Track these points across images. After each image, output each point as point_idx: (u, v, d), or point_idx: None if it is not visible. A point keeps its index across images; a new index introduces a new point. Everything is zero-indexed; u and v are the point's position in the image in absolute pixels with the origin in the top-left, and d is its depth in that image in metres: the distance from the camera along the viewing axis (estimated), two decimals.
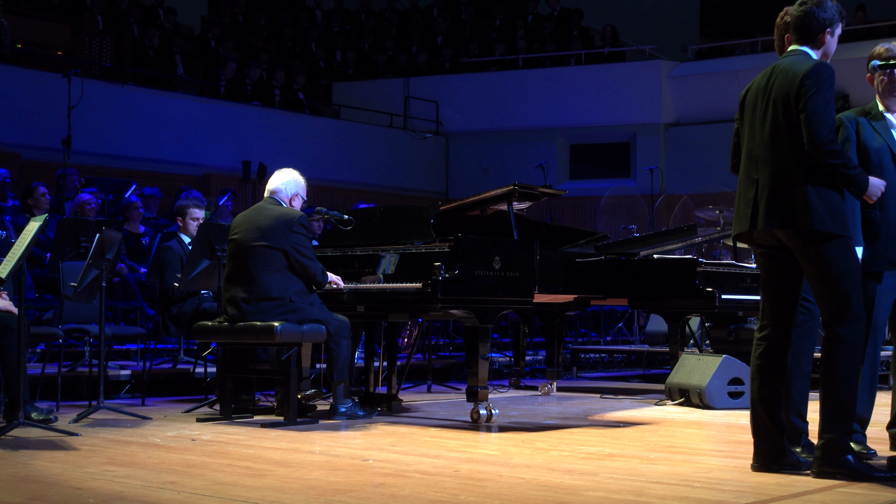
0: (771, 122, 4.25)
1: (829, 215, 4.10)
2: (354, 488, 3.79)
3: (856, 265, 4.18)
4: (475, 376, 5.85)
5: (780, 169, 4.19)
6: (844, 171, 4.10)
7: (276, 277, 5.83)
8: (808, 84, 4.13)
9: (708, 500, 3.61)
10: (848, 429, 4.16)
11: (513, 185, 6.22)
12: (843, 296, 4.12)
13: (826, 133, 4.06)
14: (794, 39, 4.39)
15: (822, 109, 4.09)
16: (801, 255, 4.20)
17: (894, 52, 4.82)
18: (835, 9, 4.35)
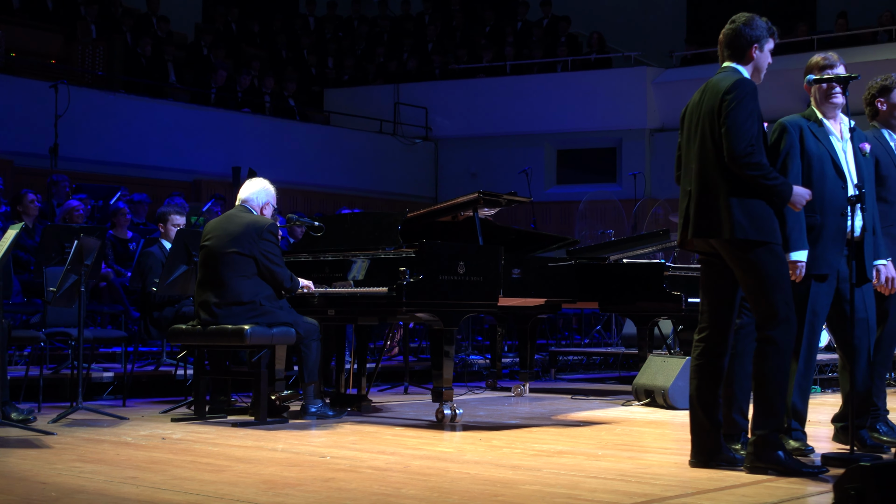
0: (700, 137, 4.47)
1: (750, 224, 4.31)
2: (304, 482, 4.00)
3: (783, 270, 4.39)
4: (440, 377, 6.06)
5: (707, 181, 4.41)
6: (763, 182, 4.31)
7: (246, 283, 6.05)
8: (729, 99, 4.35)
9: (636, 493, 3.82)
10: (778, 426, 4.37)
11: (477, 192, 6.43)
12: (771, 300, 4.33)
13: (744, 146, 4.27)
14: (725, 56, 4.62)
15: (740, 123, 4.31)
16: (730, 261, 4.42)
17: (831, 61, 5.02)
18: (763, 26, 4.57)
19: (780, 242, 4.42)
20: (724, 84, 4.44)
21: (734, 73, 4.52)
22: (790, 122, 4.96)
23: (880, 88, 5.38)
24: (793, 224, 4.73)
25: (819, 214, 4.81)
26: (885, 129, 5.35)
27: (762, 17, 4.65)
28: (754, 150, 4.31)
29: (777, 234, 4.42)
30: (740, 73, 4.52)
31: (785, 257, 4.47)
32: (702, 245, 4.54)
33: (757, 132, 4.37)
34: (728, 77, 4.48)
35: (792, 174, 4.82)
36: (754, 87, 4.44)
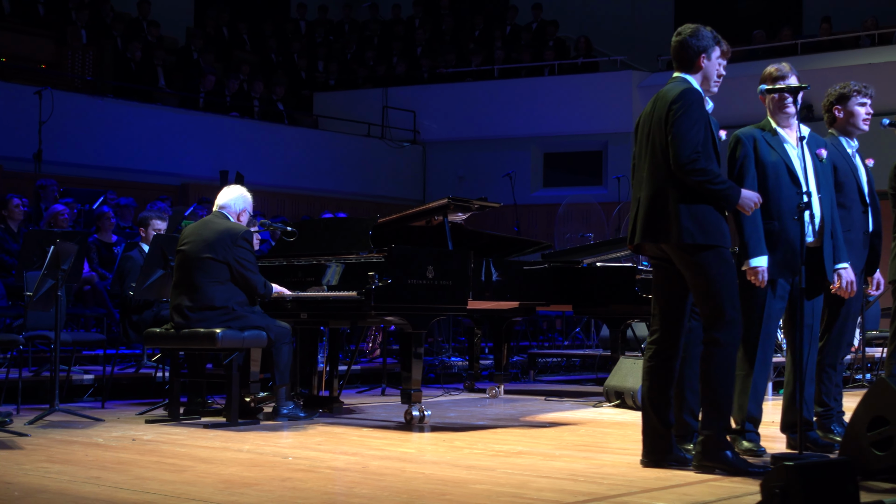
0: (650, 145, 4.61)
1: (698, 228, 4.44)
2: (262, 482, 4.12)
3: (730, 273, 4.51)
4: (409, 379, 6.18)
5: (656, 188, 4.54)
6: (710, 187, 4.43)
7: (219, 288, 6.18)
8: (675, 108, 4.48)
9: (581, 492, 3.95)
10: (725, 426, 4.49)
11: (447, 198, 6.54)
12: (718, 302, 4.46)
13: (689, 153, 4.40)
14: (675, 67, 4.75)
15: (686, 131, 4.43)
16: (680, 265, 4.54)
17: (783, 72, 5.13)
18: (709, 35, 4.70)
19: (727, 246, 4.54)
20: (672, 94, 4.57)
21: (682, 82, 4.65)
22: (744, 133, 5.09)
23: (838, 96, 5.49)
24: (751, 231, 4.86)
25: (777, 221, 4.94)
26: (842, 136, 5.46)
27: (707, 27, 4.77)
28: (699, 157, 4.43)
29: (725, 239, 4.54)
30: (688, 83, 4.64)
31: (732, 261, 4.59)
32: (653, 250, 4.66)
33: (703, 139, 4.49)
34: (676, 87, 4.61)
35: (747, 183, 4.95)
36: (700, 97, 4.57)
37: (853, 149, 5.47)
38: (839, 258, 5.07)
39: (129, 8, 16.08)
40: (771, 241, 4.90)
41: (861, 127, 5.44)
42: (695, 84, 4.66)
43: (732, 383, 4.57)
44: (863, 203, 5.37)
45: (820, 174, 5.06)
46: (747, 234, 4.86)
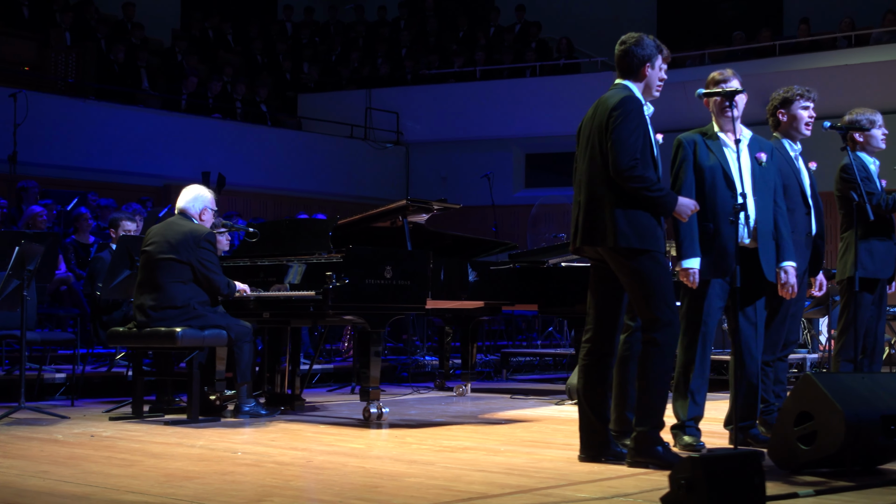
0: (590, 151, 4.74)
1: (633, 233, 4.57)
2: (203, 476, 4.25)
3: (665, 276, 4.64)
4: (367, 377, 6.31)
5: (595, 192, 4.67)
6: (646, 194, 4.56)
7: (181, 288, 6.31)
8: (615, 115, 4.61)
9: (510, 485, 4.07)
10: (658, 423, 4.62)
11: (406, 199, 6.67)
12: (654, 305, 4.58)
13: (627, 160, 4.53)
14: (618, 74, 4.87)
15: (625, 138, 4.56)
16: (615, 268, 4.67)
17: (726, 76, 5.25)
18: (652, 44, 4.83)
19: (662, 251, 4.67)
20: (613, 101, 4.69)
21: (624, 90, 4.78)
22: (685, 137, 5.22)
23: (782, 100, 5.62)
24: (685, 233, 4.99)
25: (712, 223, 5.06)
26: (786, 139, 5.59)
27: (650, 36, 4.89)
28: (637, 164, 4.56)
29: (659, 243, 4.66)
30: (629, 91, 4.77)
31: (667, 264, 4.72)
32: (591, 252, 4.79)
33: (641, 147, 4.62)
34: (617, 94, 4.74)
35: (685, 186, 5.08)
36: (640, 105, 4.70)
37: (797, 152, 5.60)
38: (784, 257, 5.17)
39: (114, 10, 16.21)
40: (706, 242, 5.02)
41: (803, 130, 5.58)
42: (636, 92, 4.78)
43: (668, 382, 4.69)
44: (805, 205, 5.50)
45: (758, 177, 5.17)
46: (682, 235, 4.98)
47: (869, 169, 6.05)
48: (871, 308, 6.07)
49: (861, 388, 4.37)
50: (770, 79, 14.34)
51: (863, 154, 6.09)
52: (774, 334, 5.43)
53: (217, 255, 6.51)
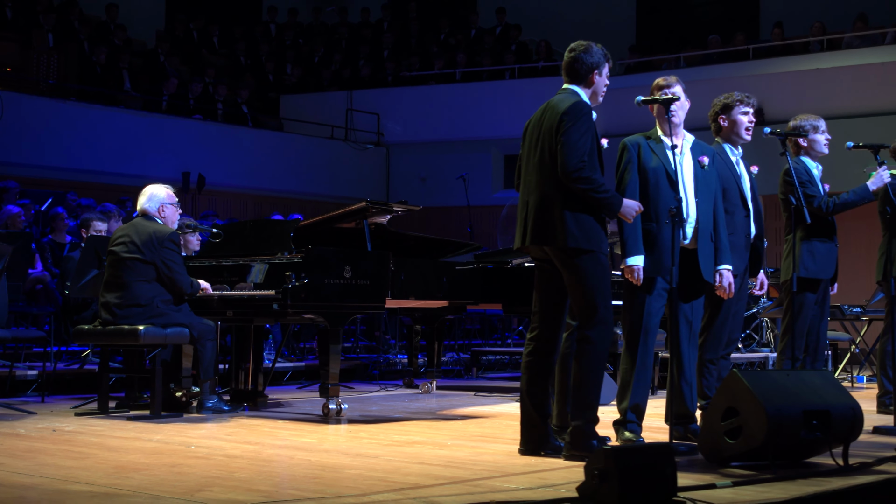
0: (539, 152, 4.91)
1: (581, 234, 4.75)
2: (152, 468, 4.42)
3: (606, 277, 4.82)
4: (327, 374, 6.48)
5: (544, 193, 4.85)
6: (593, 195, 4.74)
7: (145, 287, 6.48)
8: (566, 120, 4.79)
9: (444, 476, 4.24)
10: (593, 417, 4.80)
11: (365, 201, 6.84)
12: (592, 303, 4.77)
13: (575, 162, 4.71)
14: (566, 80, 5.05)
15: (574, 142, 4.74)
16: (561, 267, 4.85)
17: (669, 82, 5.43)
18: (600, 53, 5.01)
19: (605, 252, 4.85)
20: (563, 105, 4.87)
21: (573, 95, 4.95)
22: (630, 140, 5.40)
23: (722, 106, 5.81)
24: (629, 232, 5.17)
25: (655, 223, 5.24)
26: (727, 143, 5.78)
27: (598, 45, 5.07)
28: (585, 166, 4.74)
29: (604, 245, 4.85)
30: (579, 96, 4.95)
31: (608, 265, 4.90)
32: (536, 251, 4.97)
33: (589, 150, 4.80)
34: (567, 99, 4.92)
35: (629, 187, 5.26)
36: (590, 109, 4.88)
37: (737, 156, 5.78)
38: (722, 259, 5.36)
39: (98, 11, 16.36)
40: (649, 242, 5.20)
41: (744, 135, 5.76)
42: (584, 97, 4.96)
43: (601, 378, 4.87)
44: (745, 208, 5.68)
45: (700, 180, 5.35)
46: (626, 234, 5.17)
47: (812, 173, 6.24)
48: (814, 308, 6.27)
49: (785, 385, 4.55)
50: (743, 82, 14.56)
51: (806, 159, 6.28)
52: (717, 333, 5.61)
53: (181, 255, 6.68)
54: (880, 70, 13.65)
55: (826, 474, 4.35)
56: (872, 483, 4.20)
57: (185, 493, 3.80)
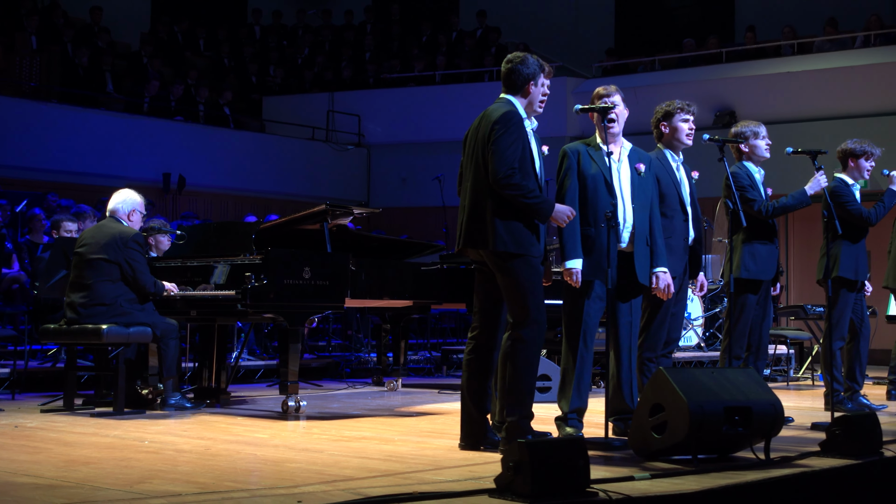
0: (474, 159, 5.11)
1: (510, 238, 4.95)
2: (101, 461, 4.62)
3: (536, 279, 5.02)
4: (286, 372, 6.68)
5: (478, 198, 5.05)
6: (522, 201, 4.94)
7: (110, 286, 6.68)
8: (497, 128, 4.99)
9: (381, 469, 4.45)
10: (527, 413, 5.01)
11: (325, 204, 7.03)
12: (524, 304, 4.96)
13: (505, 169, 4.90)
14: (503, 90, 5.24)
15: (504, 149, 4.94)
16: (493, 269, 5.05)
17: (609, 92, 5.62)
18: (536, 64, 5.20)
19: (536, 255, 5.04)
20: (496, 115, 5.07)
21: (507, 104, 5.15)
22: (570, 148, 5.60)
23: (664, 114, 6.00)
24: (568, 236, 5.38)
25: (593, 228, 5.44)
26: (667, 150, 5.97)
27: (534, 56, 5.27)
28: (514, 173, 4.93)
29: (534, 248, 5.03)
30: (512, 105, 5.14)
31: (540, 268, 5.09)
32: (474, 254, 5.17)
33: (519, 157, 4.99)
34: (500, 108, 5.12)
35: (569, 193, 5.46)
36: (520, 119, 5.07)
37: (678, 162, 5.98)
38: (658, 262, 5.57)
39: (83, 14, 16.54)
40: (587, 246, 5.40)
41: (684, 141, 5.96)
42: (518, 107, 5.16)
43: (534, 375, 5.08)
44: (683, 212, 5.88)
45: (637, 186, 5.55)
46: (565, 238, 5.37)
47: (753, 177, 6.44)
48: (756, 308, 6.47)
49: (708, 382, 4.75)
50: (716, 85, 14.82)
51: (748, 163, 6.48)
52: (656, 333, 5.81)
53: (144, 256, 6.87)
54: (849, 73, 13.87)
55: (745, 468, 4.55)
56: (786, 476, 4.40)
57: (126, 485, 4.00)
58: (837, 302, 7.05)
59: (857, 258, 7.09)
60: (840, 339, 7.07)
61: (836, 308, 7.06)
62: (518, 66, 5.17)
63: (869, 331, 7.33)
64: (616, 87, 5.71)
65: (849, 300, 7.08)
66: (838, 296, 7.04)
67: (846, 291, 7.04)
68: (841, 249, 7.05)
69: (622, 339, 5.52)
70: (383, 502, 3.64)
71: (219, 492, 3.88)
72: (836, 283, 7.03)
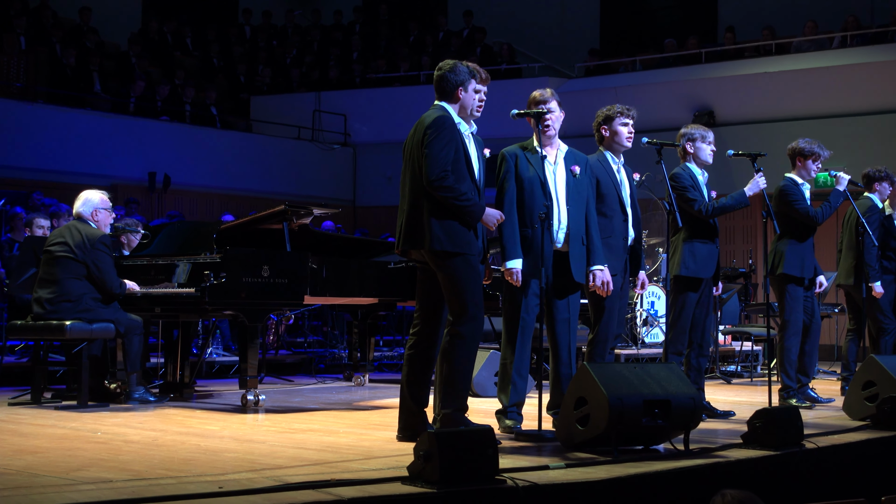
0: (411, 164, 5.32)
1: (446, 237, 5.15)
2: (48, 451, 4.83)
3: (474, 276, 5.22)
4: (245, 367, 6.90)
5: (414, 201, 5.26)
6: (454, 202, 5.15)
7: (76, 284, 6.91)
8: (429, 133, 5.20)
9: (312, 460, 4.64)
10: (462, 405, 5.21)
11: (284, 204, 7.24)
12: (462, 301, 5.17)
13: (437, 172, 5.11)
14: (436, 97, 5.45)
15: (436, 153, 5.14)
16: (433, 268, 5.26)
17: (545, 97, 5.83)
18: (465, 71, 5.40)
19: (473, 253, 5.24)
20: (428, 120, 5.28)
21: (440, 110, 5.36)
22: (508, 151, 5.82)
23: (604, 118, 6.21)
24: (508, 236, 5.59)
25: (530, 229, 5.65)
26: (608, 152, 6.18)
27: (464, 62, 5.47)
28: (447, 176, 5.14)
29: (471, 247, 5.24)
30: (444, 111, 5.35)
31: (477, 266, 5.29)
32: (416, 254, 5.38)
33: (452, 160, 5.20)
34: (432, 114, 5.33)
35: (507, 195, 5.68)
36: (452, 123, 5.28)
37: (619, 164, 6.19)
38: (595, 261, 5.77)
39: (73, 14, 16.77)
40: (525, 246, 5.62)
41: (624, 144, 6.17)
42: (451, 112, 5.36)
43: (470, 370, 5.28)
44: (623, 213, 6.09)
45: (572, 188, 5.75)
46: (505, 239, 5.59)
47: (697, 179, 6.63)
48: (698, 305, 6.66)
49: (629, 376, 4.96)
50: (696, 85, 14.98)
51: (692, 165, 6.68)
52: (606, 328, 6.00)
53: (111, 257, 7.10)
54: (826, 74, 14.03)
55: (663, 458, 4.76)
56: (696, 466, 4.61)
57: (63, 473, 4.21)
58: (785, 298, 7.25)
59: (804, 256, 7.28)
60: (794, 334, 7.26)
61: (786, 304, 7.27)
62: (447, 73, 5.38)
63: (819, 327, 7.52)
64: (552, 91, 5.91)
65: (798, 296, 7.26)
66: (786, 292, 7.24)
67: (794, 287, 7.23)
68: (787, 247, 7.25)
69: (560, 335, 5.73)
70: (298, 488, 3.84)
71: (149, 479, 4.10)
72: (783, 280, 7.24)
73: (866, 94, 13.83)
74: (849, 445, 5.47)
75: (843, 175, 7.42)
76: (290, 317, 11.02)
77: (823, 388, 8.25)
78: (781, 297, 7.28)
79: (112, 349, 7.37)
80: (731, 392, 8.65)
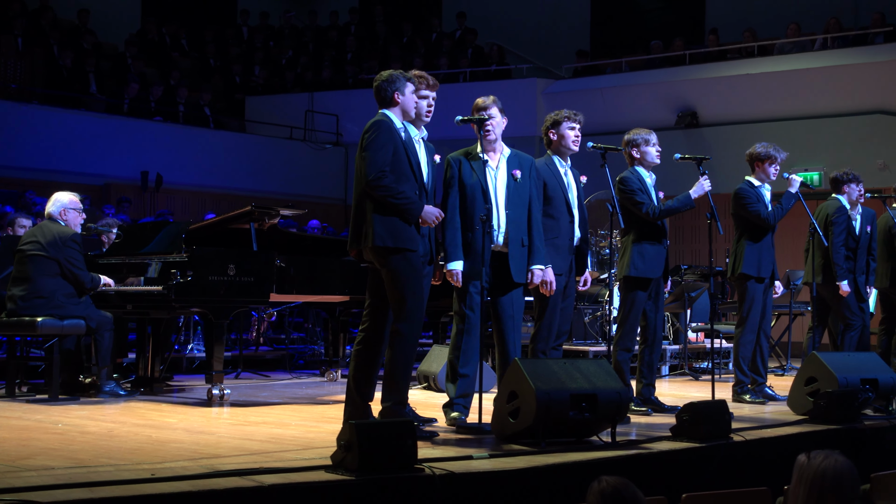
0: (357, 165, 5.56)
1: (387, 234, 5.39)
2: (4, 441, 5.09)
3: (414, 274, 5.44)
4: (211, 363, 7.15)
5: (359, 201, 5.50)
6: (391, 201, 5.38)
7: (48, 281, 7.19)
8: (366, 136, 5.45)
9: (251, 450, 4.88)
10: (402, 399, 5.45)
11: (251, 205, 7.49)
12: (401, 298, 5.40)
13: (375, 172, 5.35)
14: (378, 106, 5.69)
15: (373, 154, 5.39)
16: (377, 266, 5.49)
17: (486, 104, 6.08)
18: (400, 77, 5.65)
19: (414, 250, 5.47)
20: (368, 124, 5.53)
21: (380, 115, 5.61)
22: (453, 157, 6.07)
23: (552, 122, 6.45)
24: (450, 239, 5.84)
25: (471, 233, 5.89)
26: (556, 155, 6.41)
27: (398, 71, 5.71)
28: (384, 175, 5.38)
29: (412, 243, 5.46)
30: (384, 116, 5.59)
31: (417, 264, 5.52)
32: (366, 253, 5.61)
33: (390, 161, 5.43)
34: (372, 119, 5.57)
35: (450, 199, 5.93)
36: (389, 126, 5.51)
37: (566, 167, 6.42)
38: (535, 260, 5.99)
39: (72, 16, 17.08)
40: (468, 248, 5.85)
41: (571, 147, 6.40)
42: (392, 116, 5.60)
43: (410, 365, 5.52)
44: (570, 214, 6.32)
45: (513, 192, 5.97)
46: (447, 241, 5.83)
47: (644, 182, 6.85)
48: (649, 303, 6.88)
49: (558, 371, 5.19)
50: (681, 86, 15.17)
51: (640, 168, 6.89)
52: (547, 326, 6.24)
53: (82, 254, 7.36)
54: (808, 75, 14.21)
55: (588, 450, 4.98)
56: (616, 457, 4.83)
57: (10, 461, 4.47)
58: (744, 297, 7.46)
59: (760, 256, 7.49)
60: (749, 332, 7.47)
61: (744, 302, 7.48)
62: (381, 82, 5.63)
63: (769, 325, 7.73)
64: (494, 97, 6.17)
65: (755, 294, 7.47)
66: (745, 290, 7.46)
67: (753, 284, 7.44)
68: (745, 248, 7.47)
69: (506, 332, 5.95)
70: (225, 475, 4.09)
71: (90, 466, 4.35)
72: (741, 279, 7.45)
73: (848, 96, 14.00)
74: (777, 439, 5.68)
75: (794, 177, 7.62)
76: (273, 314, 11.27)
77: (787, 384, 8.43)
78: (741, 295, 7.50)
79: (87, 345, 7.65)
80: (694, 388, 8.85)
